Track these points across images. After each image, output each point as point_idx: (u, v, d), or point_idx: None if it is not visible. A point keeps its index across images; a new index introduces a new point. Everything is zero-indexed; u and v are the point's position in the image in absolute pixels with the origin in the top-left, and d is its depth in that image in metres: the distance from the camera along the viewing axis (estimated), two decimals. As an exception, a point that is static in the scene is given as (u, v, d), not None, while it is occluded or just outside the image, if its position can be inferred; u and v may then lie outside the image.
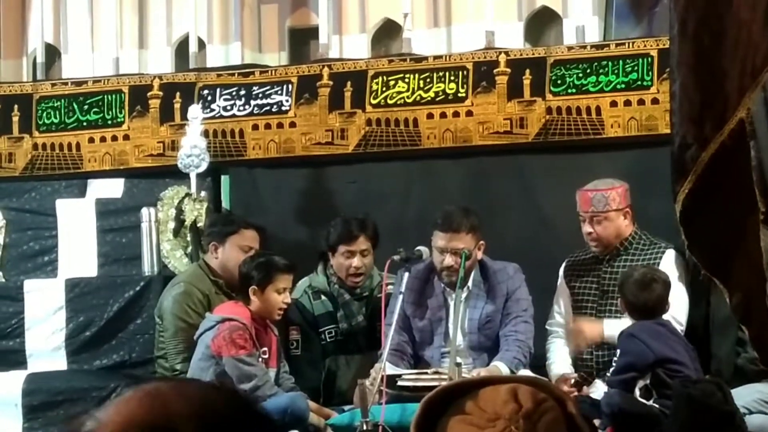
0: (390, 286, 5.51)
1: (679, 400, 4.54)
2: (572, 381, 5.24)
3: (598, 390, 5.17)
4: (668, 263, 5.39)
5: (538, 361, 5.50)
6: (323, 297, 5.75)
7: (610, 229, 5.46)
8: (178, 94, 6.65)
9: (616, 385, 4.89)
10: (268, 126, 6.53)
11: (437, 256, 5.40)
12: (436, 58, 6.46)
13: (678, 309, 5.30)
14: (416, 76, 6.36)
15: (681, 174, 3.29)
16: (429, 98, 6.32)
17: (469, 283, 5.41)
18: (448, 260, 5.35)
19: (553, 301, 5.67)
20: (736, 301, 3.40)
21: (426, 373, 5.17)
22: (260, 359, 5.29)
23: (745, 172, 3.31)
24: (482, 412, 1.67)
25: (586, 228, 5.47)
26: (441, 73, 6.33)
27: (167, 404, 1.39)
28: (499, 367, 5.22)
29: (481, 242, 5.42)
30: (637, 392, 4.88)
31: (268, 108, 6.53)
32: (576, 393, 5.11)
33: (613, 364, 4.95)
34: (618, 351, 4.94)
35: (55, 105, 6.84)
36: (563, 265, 5.66)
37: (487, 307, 5.46)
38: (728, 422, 4.45)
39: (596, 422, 4.66)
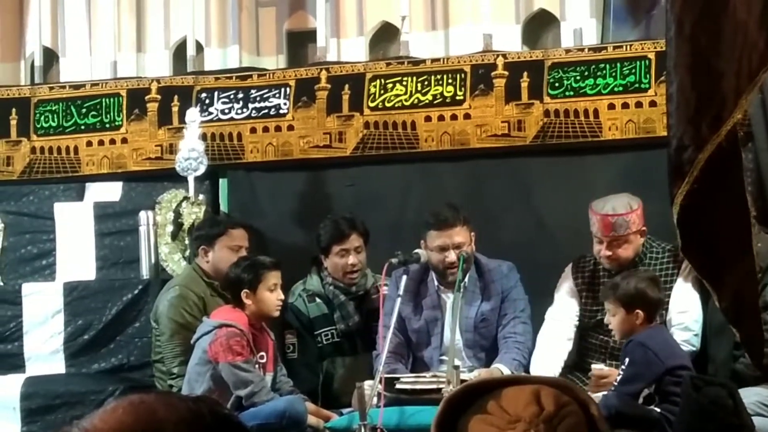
0: (385, 287, 5.50)
1: (688, 404, 4.46)
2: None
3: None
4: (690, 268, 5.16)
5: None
6: (318, 299, 5.75)
7: (629, 251, 5.32)
8: (176, 97, 6.65)
9: (622, 396, 4.76)
10: (266, 129, 6.52)
11: (437, 255, 5.39)
12: (433, 61, 6.45)
13: (694, 315, 5.25)
14: (414, 79, 6.36)
15: (678, 176, 3.28)
16: (427, 101, 6.32)
17: (465, 281, 5.41)
18: (452, 257, 5.35)
19: (555, 293, 5.51)
20: (726, 303, 3.39)
21: (424, 376, 5.17)
22: (257, 365, 5.29)
23: (740, 175, 3.31)
24: (503, 413, 1.67)
25: (604, 251, 5.31)
26: (439, 76, 6.32)
27: (154, 412, 1.39)
28: (501, 369, 5.22)
29: (473, 233, 5.42)
30: (640, 399, 4.83)
31: (266, 111, 6.53)
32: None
33: (620, 372, 4.83)
34: (626, 360, 4.82)
35: (53, 108, 6.83)
36: (570, 267, 5.53)
37: (482, 306, 5.46)
38: None
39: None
